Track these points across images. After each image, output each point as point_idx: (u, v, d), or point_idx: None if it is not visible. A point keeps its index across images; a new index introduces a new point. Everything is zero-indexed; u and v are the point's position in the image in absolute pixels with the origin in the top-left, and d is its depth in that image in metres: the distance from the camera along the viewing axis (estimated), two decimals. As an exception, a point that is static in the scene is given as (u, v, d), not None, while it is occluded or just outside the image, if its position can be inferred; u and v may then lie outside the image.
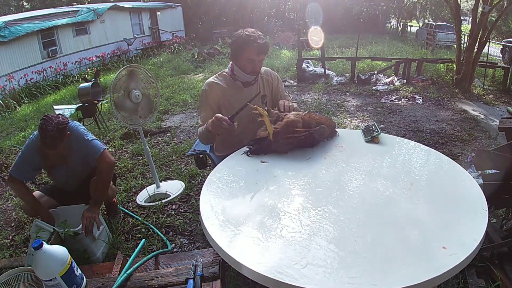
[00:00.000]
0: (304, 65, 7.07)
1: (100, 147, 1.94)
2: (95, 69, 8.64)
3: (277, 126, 1.54)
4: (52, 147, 1.78)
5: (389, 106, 5.11)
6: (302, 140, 1.56)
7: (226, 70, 1.85)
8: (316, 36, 7.37)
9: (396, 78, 6.50)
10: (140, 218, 2.37)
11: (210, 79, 1.84)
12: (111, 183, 2.20)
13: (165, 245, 2.06)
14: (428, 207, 1.13)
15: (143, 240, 1.68)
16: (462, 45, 6.43)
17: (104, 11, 11.57)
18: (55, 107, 5.94)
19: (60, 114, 1.88)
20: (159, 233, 2.19)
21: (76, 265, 1.29)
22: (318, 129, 1.58)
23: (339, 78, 6.82)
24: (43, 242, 1.19)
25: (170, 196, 2.66)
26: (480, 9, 5.54)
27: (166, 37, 14.70)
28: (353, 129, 3.82)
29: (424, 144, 1.79)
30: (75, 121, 2.00)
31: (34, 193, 2.08)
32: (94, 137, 1.99)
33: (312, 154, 1.54)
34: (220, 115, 1.55)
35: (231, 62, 1.81)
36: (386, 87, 6.13)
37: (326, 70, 7.00)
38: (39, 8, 14.30)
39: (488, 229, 1.25)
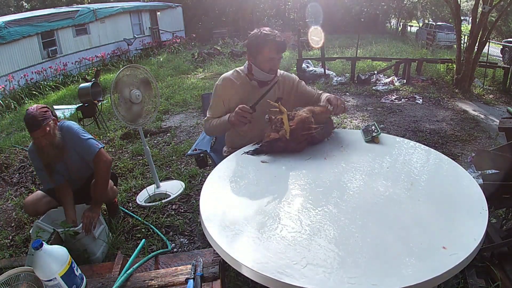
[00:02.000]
0: (304, 65, 7.06)
1: (96, 146, 1.93)
2: (95, 69, 8.65)
3: (292, 124, 1.53)
4: (34, 128, 1.76)
5: (389, 106, 5.11)
6: (314, 136, 1.56)
7: (242, 68, 1.85)
8: (316, 36, 7.36)
9: (396, 78, 6.50)
10: (140, 218, 2.37)
11: (226, 74, 1.84)
12: (112, 183, 2.20)
13: (165, 245, 2.06)
14: (428, 207, 1.13)
15: (143, 240, 1.68)
16: (462, 45, 6.43)
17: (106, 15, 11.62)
18: (55, 107, 5.94)
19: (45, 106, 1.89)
20: (159, 233, 2.19)
21: (76, 265, 1.29)
22: (324, 125, 1.60)
23: (339, 78, 6.82)
24: (43, 242, 1.19)
25: (170, 196, 2.66)
26: (480, 9, 5.54)
27: (166, 37, 14.71)
28: (353, 129, 3.82)
29: (424, 144, 1.79)
30: (70, 121, 2.00)
31: (35, 193, 2.09)
32: (90, 136, 1.97)
33: (312, 154, 1.54)
34: (244, 105, 1.58)
35: (247, 62, 1.80)
36: (386, 87, 6.13)
37: (326, 70, 7.00)
38: (39, 8, 14.30)
39: (488, 229, 1.25)
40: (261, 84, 1.80)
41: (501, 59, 10.77)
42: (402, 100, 5.39)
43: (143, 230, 2.26)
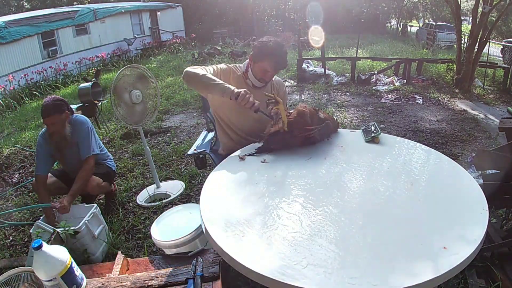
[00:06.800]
0: (304, 65, 7.06)
1: (90, 151, 2.13)
2: (95, 69, 8.65)
3: (290, 116, 1.56)
4: (46, 114, 2.00)
5: (389, 106, 5.11)
6: (314, 136, 1.58)
7: (242, 65, 1.89)
8: (316, 36, 7.36)
9: (396, 78, 6.50)
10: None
11: (229, 64, 1.91)
12: (101, 181, 2.27)
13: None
14: (428, 207, 1.13)
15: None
16: (462, 45, 6.43)
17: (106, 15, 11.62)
18: (55, 107, 5.93)
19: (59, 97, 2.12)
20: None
21: (76, 265, 1.28)
22: (324, 125, 1.61)
23: (339, 78, 6.82)
24: (43, 242, 1.19)
25: (170, 196, 2.66)
26: (480, 9, 5.54)
27: (166, 37, 14.69)
28: (353, 129, 3.82)
29: (424, 144, 1.79)
30: (85, 117, 2.21)
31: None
32: (95, 139, 2.18)
33: (312, 154, 1.54)
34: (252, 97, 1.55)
35: (247, 61, 1.84)
36: (386, 87, 6.13)
37: (326, 70, 7.00)
38: (39, 8, 14.29)
39: (489, 229, 1.25)
40: (254, 87, 1.84)
41: (501, 59, 10.76)
42: (402, 100, 5.39)
43: (143, 230, 2.26)
